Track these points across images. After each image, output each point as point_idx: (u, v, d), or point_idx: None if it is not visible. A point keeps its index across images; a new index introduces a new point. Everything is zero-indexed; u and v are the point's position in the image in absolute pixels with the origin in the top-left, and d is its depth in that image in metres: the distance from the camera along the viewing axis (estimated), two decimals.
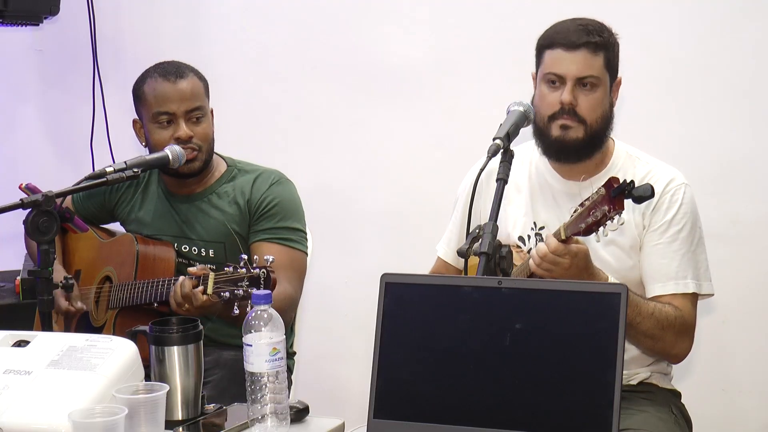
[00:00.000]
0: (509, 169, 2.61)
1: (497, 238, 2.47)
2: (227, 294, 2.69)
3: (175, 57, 3.40)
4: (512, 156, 2.64)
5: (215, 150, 3.36)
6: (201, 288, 2.80)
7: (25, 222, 2.74)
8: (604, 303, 2.09)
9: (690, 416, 3.00)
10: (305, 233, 3.33)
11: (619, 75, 2.94)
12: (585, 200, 2.61)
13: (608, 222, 2.56)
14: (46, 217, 2.75)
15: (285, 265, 3.18)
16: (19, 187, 2.92)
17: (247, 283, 2.67)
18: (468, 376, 2.14)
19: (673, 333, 2.79)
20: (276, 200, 3.27)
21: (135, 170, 2.99)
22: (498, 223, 2.49)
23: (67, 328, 3.25)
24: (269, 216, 3.26)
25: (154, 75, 3.26)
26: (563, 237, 2.62)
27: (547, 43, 2.89)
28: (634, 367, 2.92)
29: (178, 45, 4.57)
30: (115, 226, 3.56)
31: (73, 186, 2.95)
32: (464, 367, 2.14)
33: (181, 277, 2.91)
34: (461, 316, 2.17)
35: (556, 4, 3.68)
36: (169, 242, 3.30)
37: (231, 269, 2.71)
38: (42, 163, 4.82)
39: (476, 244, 2.45)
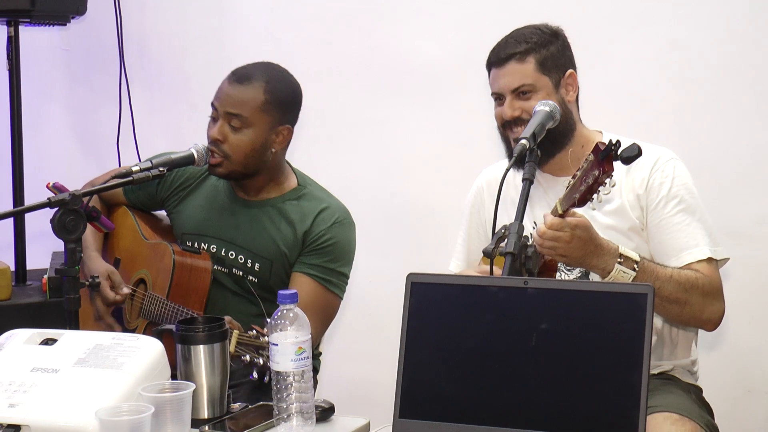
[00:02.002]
0: (535, 169, 2.61)
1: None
2: (247, 357, 2.63)
3: (200, 56, 3.40)
4: (538, 156, 2.64)
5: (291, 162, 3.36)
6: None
7: (52, 221, 2.75)
8: (630, 303, 2.09)
9: (711, 407, 2.98)
10: (348, 278, 3.28)
11: (571, 70, 2.94)
12: (576, 171, 2.61)
13: (600, 188, 2.54)
14: (73, 216, 2.76)
15: (316, 306, 3.14)
16: (47, 186, 2.94)
17: (268, 354, 2.53)
18: (493, 376, 2.14)
19: (700, 295, 2.75)
20: (332, 241, 3.22)
21: (161, 169, 2.99)
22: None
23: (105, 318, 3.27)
24: (320, 253, 3.21)
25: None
26: (560, 212, 2.60)
27: (487, 65, 2.99)
28: (655, 359, 2.89)
29: (204, 44, 4.58)
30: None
31: (100, 185, 2.96)
32: (490, 367, 2.14)
33: None
34: (487, 316, 2.17)
35: (577, 3, 3.69)
36: (207, 256, 3.25)
37: (255, 333, 2.64)
38: (69, 161, 4.84)
39: (502, 244, 2.44)
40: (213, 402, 2.41)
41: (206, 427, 2.35)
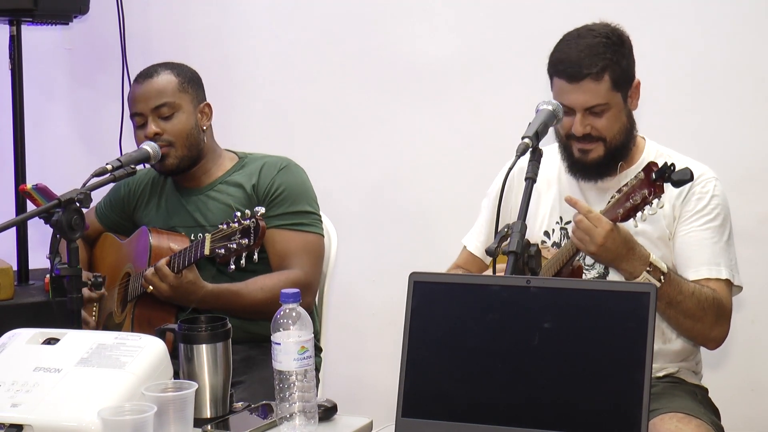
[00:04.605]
0: (538, 168, 2.60)
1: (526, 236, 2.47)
2: (222, 251, 2.78)
3: (203, 56, 3.43)
4: (541, 155, 2.62)
5: (230, 148, 3.44)
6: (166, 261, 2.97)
7: (56, 221, 2.75)
8: (632, 302, 2.08)
9: (717, 408, 2.98)
10: (317, 215, 3.34)
11: (636, 78, 2.92)
12: (623, 186, 2.61)
13: (647, 207, 2.55)
14: (78, 215, 2.77)
15: (298, 251, 3.24)
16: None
17: (239, 235, 2.75)
18: (496, 375, 2.13)
19: (713, 314, 2.77)
20: (283, 186, 3.29)
21: (133, 167, 3.07)
22: (528, 219, 2.49)
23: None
24: (278, 203, 3.28)
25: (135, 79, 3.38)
26: None
27: (552, 70, 2.91)
28: (662, 362, 2.91)
29: (206, 44, 4.58)
30: None
31: (88, 184, 2.94)
32: (493, 366, 2.14)
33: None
34: (490, 316, 2.17)
35: (583, 1, 3.68)
36: (183, 233, 3.31)
37: (225, 226, 2.81)
38: (71, 160, 4.84)
39: (505, 243, 2.44)
40: (216, 401, 2.40)
41: (209, 427, 2.35)
